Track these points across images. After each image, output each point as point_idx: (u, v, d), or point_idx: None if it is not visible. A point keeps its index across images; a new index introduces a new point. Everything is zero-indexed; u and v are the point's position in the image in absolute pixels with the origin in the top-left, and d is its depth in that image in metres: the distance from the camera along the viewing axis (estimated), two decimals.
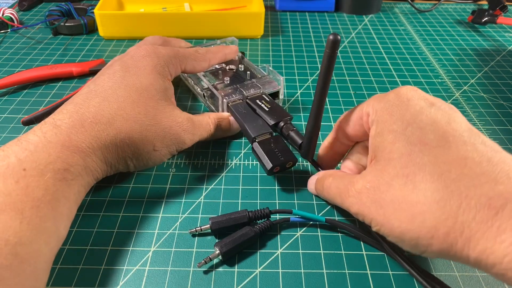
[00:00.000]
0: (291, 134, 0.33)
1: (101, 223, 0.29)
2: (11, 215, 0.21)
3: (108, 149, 0.27)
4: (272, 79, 0.40)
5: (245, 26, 0.55)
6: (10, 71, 0.47)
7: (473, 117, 0.41)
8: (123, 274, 0.26)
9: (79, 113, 0.27)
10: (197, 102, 0.42)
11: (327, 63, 0.24)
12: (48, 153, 0.24)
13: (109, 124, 0.28)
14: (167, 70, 0.33)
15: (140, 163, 0.30)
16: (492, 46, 0.56)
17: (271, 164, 0.31)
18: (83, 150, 0.26)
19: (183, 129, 0.31)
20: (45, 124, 0.26)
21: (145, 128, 0.29)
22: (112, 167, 0.29)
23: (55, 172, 0.24)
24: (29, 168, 0.23)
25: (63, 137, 0.25)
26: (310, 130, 0.29)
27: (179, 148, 0.31)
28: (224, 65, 0.43)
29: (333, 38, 0.23)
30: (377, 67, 0.50)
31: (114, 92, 0.29)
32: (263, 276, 0.26)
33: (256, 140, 0.33)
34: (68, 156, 0.25)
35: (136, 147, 0.29)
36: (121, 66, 0.32)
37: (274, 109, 0.35)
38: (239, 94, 0.37)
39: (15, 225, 0.21)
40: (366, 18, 0.65)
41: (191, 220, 0.29)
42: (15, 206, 0.21)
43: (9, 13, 0.57)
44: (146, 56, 0.33)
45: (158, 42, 0.40)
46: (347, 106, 0.42)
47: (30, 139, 0.25)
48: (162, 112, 0.30)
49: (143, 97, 0.30)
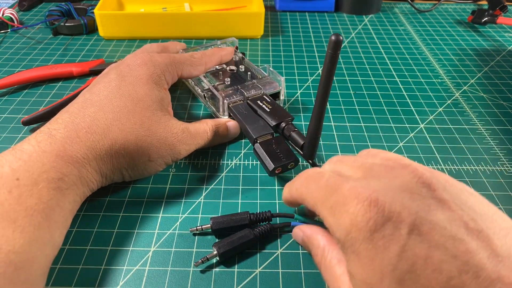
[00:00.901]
0: (293, 135, 0.33)
1: (101, 223, 0.29)
2: (3, 225, 0.21)
3: (103, 160, 0.27)
4: (272, 79, 0.40)
5: (245, 26, 0.55)
6: (10, 71, 0.47)
7: (473, 117, 0.41)
8: (123, 274, 0.26)
9: (74, 123, 0.27)
10: (197, 103, 0.42)
11: (329, 63, 0.24)
12: (42, 162, 0.24)
13: (104, 135, 0.28)
14: (163, 79, 0.33)
15: (135, 173, 0.30)
16: (492, 46, 0.56)
17: (273, 165, 0.31)
18: (77, 160, 0.26)
19: (178, 140, 0.31)
20: (40, 133, 0.26)
21: (140, 139, 0.29)
22: (107, 178, 0.29)
23: (49, 181, 0.24)
24: (22, 177, 0.23)
25: (58, 146, 0.25)
26: (312, 131, 0.29)
27: (174, 158, 0.31)
28: (224, 66, 0.43)
29: (335, 39, 0.23)
30: (377, 67, 0.50)
31: (109, 101, 0.29)
32: (263, 276, 0.26)
33: (258, 141, 0.33)
34: (62, 165, 0.25)
35: (131, 157, 0.29)
36: (117, 75, 0.32)
37: (275, 109, 0.35)
38: (240, 95, 0.37)
39: (8, 234, 0.21)
40: (366, 18, 0.65)
41: (191, 220, 0.29)
42: (7, 215, 0.21)
43: (9, 13, 0.57)
44: (142, 65, 0.33)
45: (155, 50, 0.40)
46: (347, 106, 0.42)
47: (25, 149, 0.25)
48: (157, 122, 0.30)
49: (138, 107, 0.30)
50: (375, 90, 0.45)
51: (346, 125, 0.39)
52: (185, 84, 0.45)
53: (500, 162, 0.35)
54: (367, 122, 0.40)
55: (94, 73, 0.46)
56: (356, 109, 0.42)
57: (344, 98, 0.44)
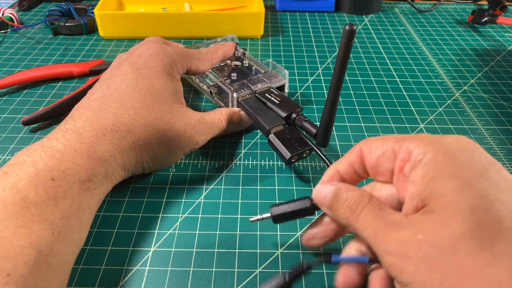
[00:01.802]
0: (305, 124, 0.33)
1: (101, 223, 0.29)
2: (43, 226, 0.21)
3: (127, 156, 0.28)
4: (277, 73, 0.40)
5: (245, 26, 0.55)
6: (10, 71, 0.47)
7: (473, 117, 0.41)
8: (123, 274, 0.26)
9: (99, 121, 0.27)
10: (199, 102, 0.42)
11: (343, 52, 0.25)
12: (74, 163, 0.24)
13: (128, 132, 0.28)
14: (175, 69, 0.34)
15: (156, 166, 0.31)
16: (492, 46, 0.56)
17: (290, 154, 0.31)
18: (105, 159, 0.26)
19: (196, 131, 0.31)
20: (67, 132, 0.26)
21: (161, 133, 0.29)
22: (129, 172, 0.29)
23: (80, 183, 0.24)
24: (56, 178, 0.23)
25: (87, 146, 0.25)
26: (326, 118, 0.29)
27: (192, 149, 0.32)
28: (228, 61, 0.43)
29: (349, 28, 0.24)
30: (377, 67, 0.50)
31: (129, 96, 0.29)
32: (263, 276, 0.26)
33: (272, 131, 0.33)
34: (92, 166, 0.25)
35: (153, 152, 0.29)
36: (132, 67, 0.32)
37: (284, 101, 0.36)
38: (247, 89, 0.38)
39: (47, 236, 0.21)
40: (366, 18, 0.65)
41: (191, 220, 0.29)
42: (46, 217, 0.21)
43: (9, 13, 0.57)
44: (155, 55, 0.33)
45: (161, 42, 0.40)
46: (347, 106, 0.42)
47: (55, 146, 0.24)
48: (175, 116, 0.31)
49: (157, 101, 0.30)
50: (375, 90, 0.45)
51: (346, 125, 0.39)
52: (187, 82, 0.45)
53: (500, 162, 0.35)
54: (367, 122, 0.40)
55: (94, 73, 0.46)
56: (356, 109, 0.42)
57: (344, 98, 0.44)
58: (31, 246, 0.20)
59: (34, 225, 0.21)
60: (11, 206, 0.21)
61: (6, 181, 0.22)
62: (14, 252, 0.19)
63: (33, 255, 0.20)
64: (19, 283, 0.19)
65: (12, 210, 0.21)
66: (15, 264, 0.19)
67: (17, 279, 0.19)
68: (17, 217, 0.21)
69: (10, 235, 0.20)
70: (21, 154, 0.24)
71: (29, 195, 0.21)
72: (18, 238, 0.20)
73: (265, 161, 0.35)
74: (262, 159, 0.35)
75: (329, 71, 0.49)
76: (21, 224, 0.20)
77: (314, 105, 0.42)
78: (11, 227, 0.20)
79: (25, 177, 0.22)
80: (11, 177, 0.22)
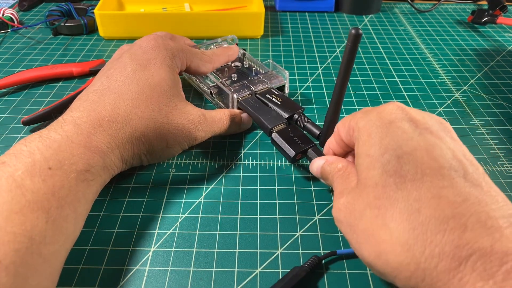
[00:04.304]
0: (307, 125, 0.34)
1: (101, 223, 0.29)
2: (37, 214, 0.21)
3: (124, 147, 0.28)
4: (277, 73, 0.40)
5: (245, 26, 0.55)
6: (10, 71, 0.47)
7: (473, 117, 0.41)
8: (123, 274, 0.26)
9: (96, 111, 0.27)
10: (199, 102, 0.42)
11: (348, 55, 0.25)
12: (71, 153, 0.24)
13: (125, 123, 0.28)
14: (175, 63, 0.34)
15: (154, 158, 0.31)
16: (492, 46, 0.56)
17: (294, 152, 0.32)
18: (102, 150, 0.26)
19: (195, 127, 0.31)
20: (64, 123, 0.26)
21: (158, 126, 0.29)
22: (127, 164, 0.29)
23: (78, 173, 0.24)
24: (53, 167, 0.23)
25: (84, 137, 0.25)
26: (329, 118, 0.30)
27: (190, 144, 0.32)
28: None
29: (355, 32, 0.24)
30: (377, 67, 0.50)
31: (127, 88, 0.29)
32: (263, 276, 0.26)
33: (274, 130, 0.33)
34: (89, 157, 0.25)
35: (150, 144, 0.29)
36: (131, 58, 0.32)
37: (285, 102, 0.36)
38: (247, 89, 0.38)
39: (41, 225, 0.21)
40: (366, 18, 0.65)
41: (191, 220, 0.29)
42: (42, 205, 0.21)
43: (9, 13, 0.57)
44: (155, 47, 0.33)
45: (166, 36, 0.40)
46: (347, 106, 0.42)
47: (52, 137, 0.24)
48: (174, 109, 0.31)
49: (156, 93, 0.30)
50: (375, 90, 0.45)
51: None
52: (187, 81, 0.45)
53: (500, 162, 0.35)
54: None
55: (94, 73, 0.46)
56: (356, 109, 0.42)
57: (344, 98, 0.43)
58: (24, 234, 0.20)
59: (28, 212, 0.20)
60: (6, 193, 0.21)
61: (3, 170, 0.22)
62: (6, 239, 0.19)
63: (25, 243, 0.20)
64: (9, 270, 0.19)
65: (7, 196, 0.20)
66: (6, 251, 0.19)
67: (8, 266, 0.19)
68: (12, 203, 0.20)
69: (3, 222, 0.20)
70: (19, 144, 0.24)
71: (25, 183, 0.21)
72: (11, 225, 0.20)
73: (265, 161, 0.35)
74: (262, 159, 0.35)
75: (329, 71, 0.49)
76: (15, 210, 0.20)
77: (314, 105, 0.42)
78: (4, 213, 0.20)
79: (21, 167, 0.22)
80: (8, 167, 0.22)
